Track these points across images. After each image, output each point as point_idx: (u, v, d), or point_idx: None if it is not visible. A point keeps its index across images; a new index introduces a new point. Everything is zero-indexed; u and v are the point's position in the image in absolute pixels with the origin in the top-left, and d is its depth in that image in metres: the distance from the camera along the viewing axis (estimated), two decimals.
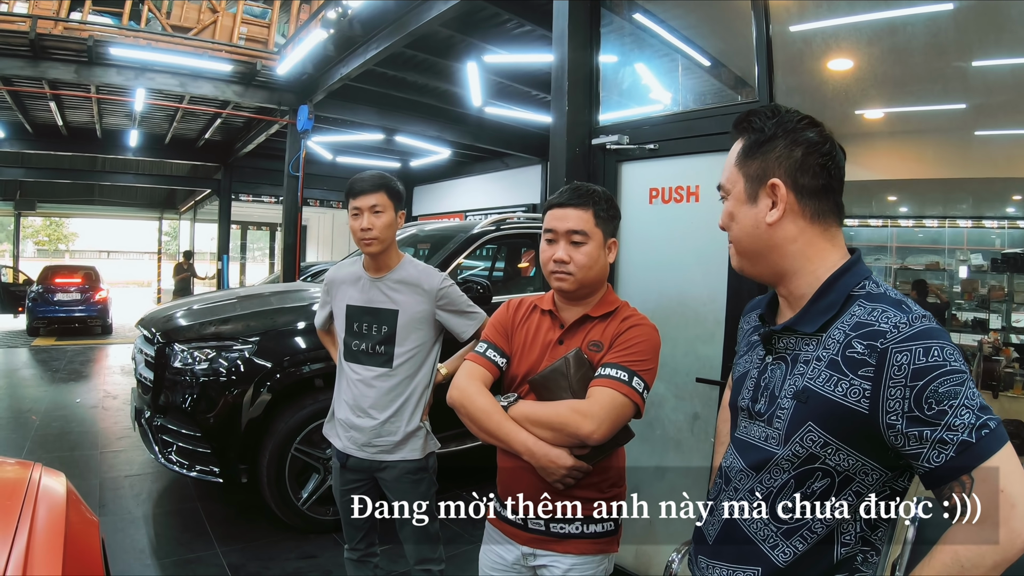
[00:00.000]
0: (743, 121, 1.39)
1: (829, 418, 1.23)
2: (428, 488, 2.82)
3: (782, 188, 1.31)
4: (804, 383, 1.28)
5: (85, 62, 9.04)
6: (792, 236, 1.33)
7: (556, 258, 1.94)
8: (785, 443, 1.29)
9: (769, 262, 1.37)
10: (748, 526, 1.34)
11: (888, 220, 7.84)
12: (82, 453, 5.93)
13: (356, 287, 2.77)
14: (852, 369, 1.21)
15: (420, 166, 16.52)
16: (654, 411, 3.54)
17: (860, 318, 1.24)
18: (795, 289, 1.36)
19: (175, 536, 4.33)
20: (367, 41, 7.56)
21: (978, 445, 1.11)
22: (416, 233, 6.40)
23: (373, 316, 2.71)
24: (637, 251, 3.68)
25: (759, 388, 1.40)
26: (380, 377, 2.70)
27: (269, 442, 4.13)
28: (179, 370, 4.31)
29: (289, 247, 10.44)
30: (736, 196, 1.38)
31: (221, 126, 13.12)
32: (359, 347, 2.73)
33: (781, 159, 1.32)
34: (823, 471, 1.26)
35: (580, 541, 1.95)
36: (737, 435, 1.46)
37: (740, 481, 1.38)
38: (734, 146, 1.41)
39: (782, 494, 1.30)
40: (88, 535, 2.14)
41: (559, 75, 3.79)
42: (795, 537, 1.29)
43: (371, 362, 2.71)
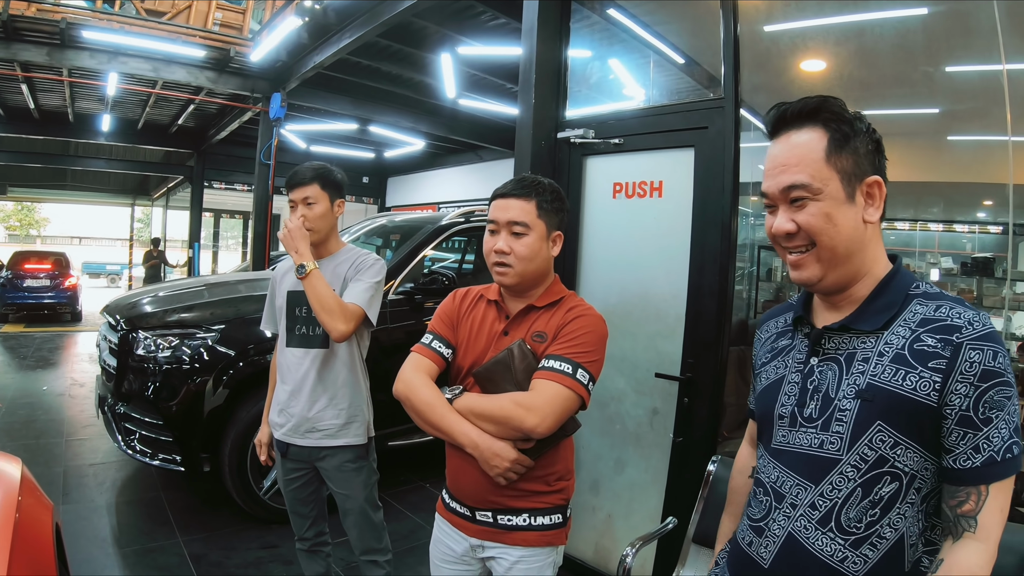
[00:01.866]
0: (823, 111, 1.28)
1: (896, 413, 1.21)
2: (369, 476, 2.85)
3: (883, 186, 1.27)
4: (867, 380, 1.24)
5: (58, 45, 8.91)
6: (872, 236, 1.29)
7: (497, 248, 1.92)
8: (850, 447, 1.24)
9: (853, 265, 1.30)
10: (813, 543, 1.27)
11: None
12: (47, 441, 5.87)
13: (295, 274, 2.78)
14: (922, 362, 1.20)
15: (394, 157, 16.50)
16: (614, 406, 3.57)
17: (925, 315, 1.23)
18: (855, 291, 1.32)
19: (137, 525, 4.30)
20: (341, 30, 7.53)
21: (1001, 465, 1.15)
22: (386, 224, 6.40)
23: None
24: (600, 246, 3.71)
25: (806, 392, 1.34)
26: (320, 358, 2.73)
27: (231, 431, 4.11)
28: (142, 357, 4.28)
29: (259, 235, 10.38)
30: (832, 195, 1.25)
31: (194, 112, 13.01)
32: (300, 331, 2.75)
33: (869, 155, 1.27)
34: (891, 474, 1.23)
35: (528, 533, 1.95)
36: (777, 447, 1.39)
37: (796, 496, 1.31)
38: (803, 138, 1.28)
39: (848, 503, 1.25)
40: (41, 520, 2.16)
41: (527, 68, 3.80)
42: (864, 546, 1.24)
43: (311, 344, 2.73)
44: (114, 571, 3.72)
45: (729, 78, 3.18)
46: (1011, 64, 3.89)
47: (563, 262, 3.74)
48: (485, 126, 11.89)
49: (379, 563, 2.91)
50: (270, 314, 2.95)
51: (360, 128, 12.63)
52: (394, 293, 4.76)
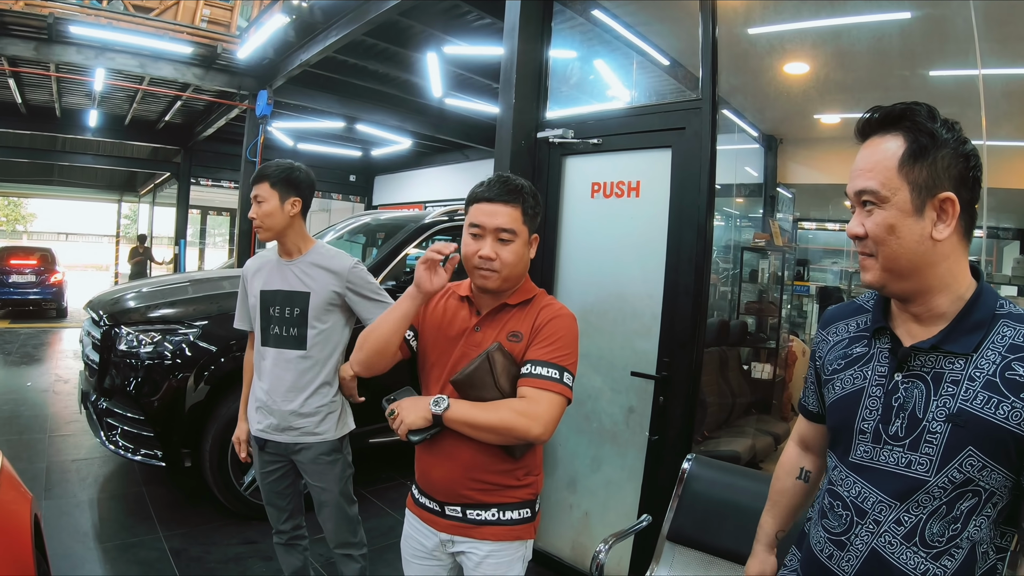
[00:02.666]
0: (903, 118, 1.27)
1: (988, 441, 1.20)
2: (343, 469, 2.89)
3: (957, 203, 1.23)
4: (958, 405, 1.23)
5: (45, 39, 8.90)
6: (947, 253, 1.26)
7: (483, 254, 1.90)
8: (939, 470, 1.24)
9: (920, 279, 1.28)
10: (897, 557, 1.28)
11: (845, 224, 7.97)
12: (30, 437, 5.87)
13: (267, 272, 2.82)
14: (1014, 392, 1.19)
15: (381, 156, 16.51)
16: (591, 404, 3.61)
17: (1014, 340, 1.22)
18: (936, 307, 1.30)
19: (119, 520, 4.32)
20: (327, 28, 7.55)
21: None
22: (369, 222, 6.41)
23: (286, 299, 2.77)
24: (577, 245, 3.74)
25: (890, 409, 1.32)
26: (295, 359, 2.76)
27: (212, 426, 4.14)
28: (124, 353, 4.29)
29: (245, 233, 10.38)
30: (899, 206, 1.24)
31: (181, 109, 12.99)
32: (274, 331, 2.77)
33: (950, 169, 1.23)
34: (973, 492, 1.23)
35: (497, 528, 1.97)
36: (859, 462, 1.37)
37: (881, 513, 1.31)
38: (882, 145, 1.28)
39: (932, 520, 1.26)
40: (19, 511, 2.20)
41: (508, 68, 3.84)
42: (944, 557, 1.25)
43: (286, 345, 2.76)
44: (94, 566, 3.73)
45: (707, 79, 3.21)
46: (987, 69, 3.95)
47: (541, 261, 3.77)
48: (471, 125, 11.91)
49: (354, 557, 2.95)
50: (243, 312, 2.97)
51: (347, 126, 12.64)
52: None
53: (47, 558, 2.44)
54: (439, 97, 9.64)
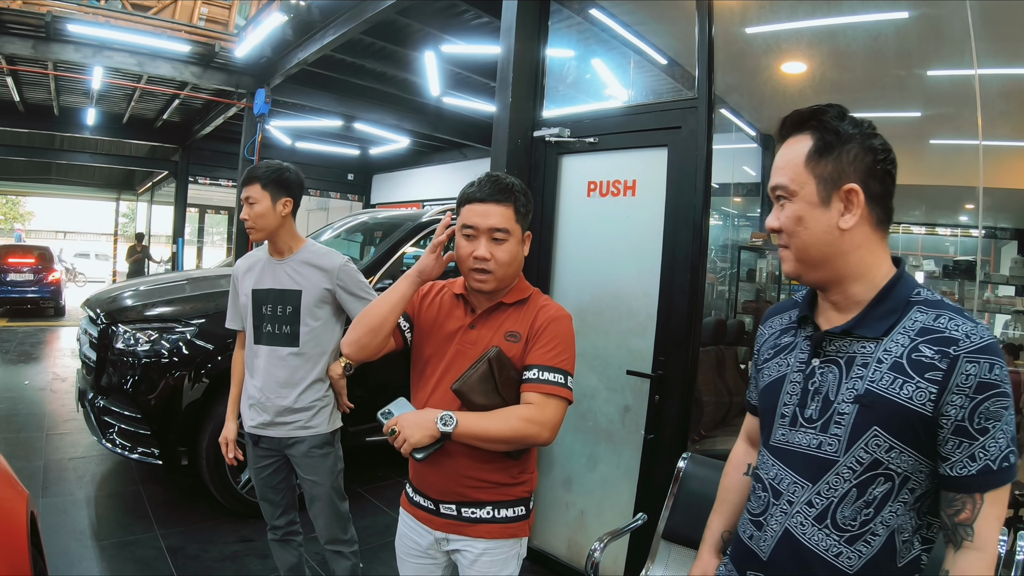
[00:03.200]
0: (811, 119, 1.34)
1: (894, 421, 1.25)
2: (335, 463, 2.92)
3: (860, 193, 1.30)
4: (865, 386, 1.28)
5: (43, 38, 8.92)
6: (859, 242, 1.32)
7: (477, 255, 1.90)
8: (847, 450, 1.28)
9: (832, 268, 1.34)
10: (808, 538, 1.32)
11: None
12: (28, 435, 5.87)
13: (258, 272, 2.85)
14: (919, 372, 1.23)
15: (379, 154, 16.51)
16: (586, 403, 3.61)
17: (924, 324, 1.26)
18: (852, 295, 1.35)
19: (116, 518, 4.32)
20: (325, 26, 7.55)
21: (997, 474, 1.20)
22: (367, 221, 6.42)
23: (278, 297, 2.80)
24: (573, 244, 3.75)
25: (807, 393, 1.38)
26: (288, 356, 2.79)
27: (209, 425, 4.14)
28: (121, 351, 4.30)
29: (242, 231, 10.32)
30: (806, 199, 1.32)
31: (179, 107, 13.01)
32: (266, 329, 2.80)
33: (856, 163, 1.30)
34: (885, 475, 1.27)
35: (491, 525, 1.97)
36: (777, 444, 1.43)
37: (794, 493, 1.36)
38: (794, 146, 1.35)
39: (844, 502, 1.29)
40: (15, 508, 2.20)
41: (504, 67, 3.85)
42: (859, 542, 1.28)
43: (279, 342, 2.79)
44: (92, 564, 3.73)
45: (703, 78, 3.22)
46: (983, 69, 3.96)
47: (537, 260, 3.78)
48: (469, 124, 11.92)
49: (344, 554, 2.97)
50: (234, 311, 2.98)
51: (345, 125, 12.64)
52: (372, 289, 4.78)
53: (43, 555, 2.45)
54: (437, 96, 9.65)
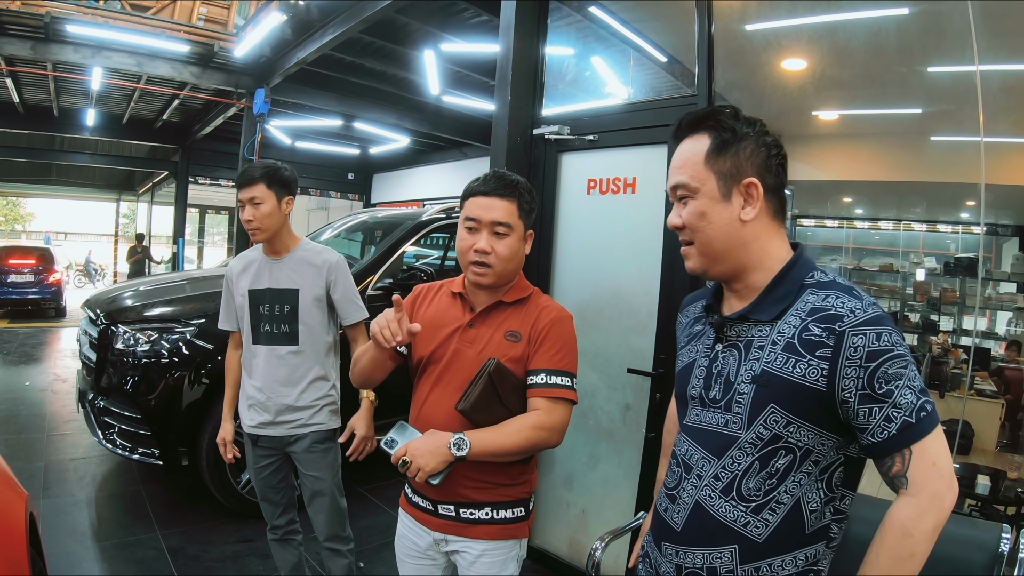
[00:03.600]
0: (707, 119, 1.41)
1: (789, 398, 1.30)
2: (335, 459, 2.93)
3: (759, 186, 1.36)
4: (762, 367, 1.34)
5: (42, 39, 8.93)
6: (758, 233, 1.39)
7: (478, 248, 1.91)
8: (748, 427, 1.34)
9: (734, 259, 1.40)
10: (717, 510, 1.37)
11: (844, 221, 7.98)
12: (29, 436, 5.87)
13: (254, 272, 2.84)
14: (809, 351, 1.28)
15: (379, 154, 16.52)
16: (587, 401, 3.60)
17: (814, 304, 1.31)
18: (752, 283, 1.42)
19: (116, 519, 4.32)
20: (324, 26, 7.55)
21: (917, 426, 1.22)
22: (367, 220, 6.41)
23: (275, 296, 2.79)
24: (573, 242, 3.74)
25: (711, 376, 1.44)
26: (288, 355, 2.79)
27: (209, 425, 4.12)
28: (121, 351, 4.29)
29: (243, 231, 10.37)
30: (708, 194, 1.38)
31: (179, 108, 13.02)
32: (264, 329, 2.80)
33: (752, 158, 1.37)
34: (786, 449, 1.32)
35: (490, 527, 1.97)
36: (689, 424, 1.49)
37: (702, 468, 1.41)
38: (691, 145, 1.41)
39: (747, 476, 1.35)
40: (13, 508, 2.20)
41: (504, 65, 3.83)
42: (764, 511, 1.33)
43: (277, 341, 2.79)
44: (92, 565, 3.73)
45: (703, 76, 3.21)
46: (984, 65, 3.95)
47: (538, 258, 3.77)
48: (469, 123, 11.92)
49: (342, 552, 2.96)
50: (228, 312, 2.97)
51: (345, 124, 12.65)
52: (372, 289, 4.78)
53: (43, 556, 2.44)
54: (436, 95, 9.64)
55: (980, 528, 1.88)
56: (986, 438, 4.84)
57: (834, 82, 5.44)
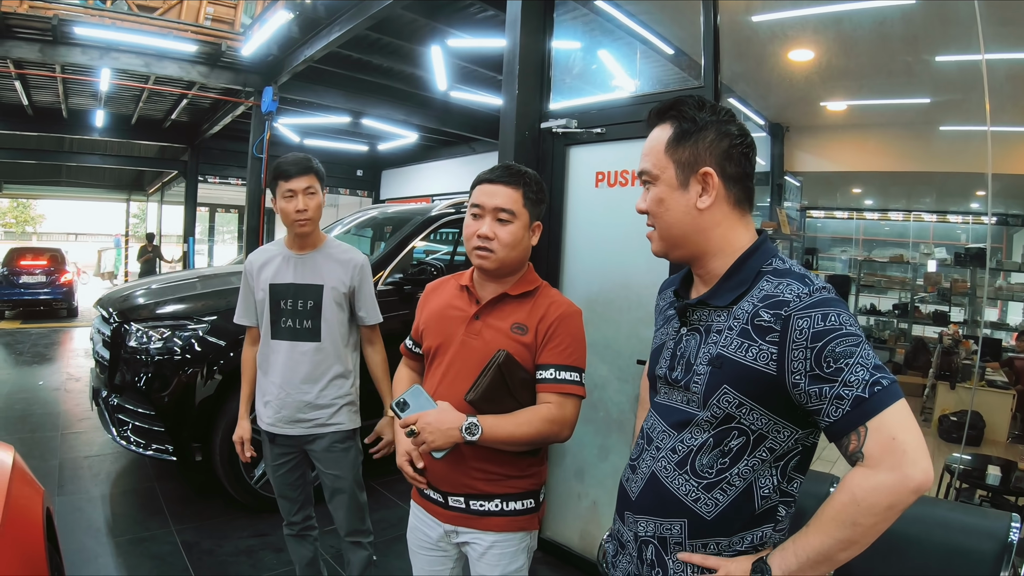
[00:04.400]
0: (671, 109, 1.44)
1: (742, 381, 1.33)
2: (356, 457, 2.92)
3: (714, 176, 1.39)
4: (718, 351, 1.37)
5: (50, 41, 8.96)
6: (717, 221, 1.42)
7: (480, 233, 1.94)
8: (704, 405, 1.38)
9: (693, 245, 1.44)
10: (670, 482, 1.41)
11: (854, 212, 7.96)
12: (43, 435, 5.92)
13: (275, 266, 2.82)
14: (760, 336, 1.31)
15: (388, 150, 16.54)
16: (597, 393, 3.61)
17: (767, 291, 1.33)
18: (713, 269, 1.44)
19: (131, 515, 4.37)
20: (331, 23, 7.57)
21: (871, 400, 1.20)
22: (376, 216, 6.44)
23: (298, 292, 2.77)
24: (582, 234, 3.75)
25: (675, 357, 1.48)
26: (310, 351, 2.78)
27: (222, 421, 4.16)
28: (134, 349, 4.33)
29: (252, 229, 10.44)
30: (666, 182, 1.42)
31: (187, 107, 13.06)
32: (286, 324, 2.78)
33: (712, 148, 1.39)
34: (738, 430, 1.35)
35: (500, 519, 1.99)
36: (657, 400, 1.54)
37: (662, 441, 1.46)
38: (656, 133, 1.46)
39: (701, 452, 1.38)
40: (31, 503, 2.24)
41: (511, 60, 3.84)
42: (715, 490, 1.37)
43: (300, 337, 2.77)
44: (107, 560, 3.77)
45: (709, 67, 3.21)
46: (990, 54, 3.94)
47: (547, 251, 3.78)
48: (477, 118, 11.92)
49: (363, 544, 2.97)
50: (247, 307, 2.92)
51: (353, 121, 12.66)
52: (383, 284, 4.80)
53: (59, 551, 2.48)
54: (444, 90, 9.64)
55: (990, 517, 1.89)
56: (997, 429, 4.83)
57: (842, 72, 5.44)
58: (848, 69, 5.31)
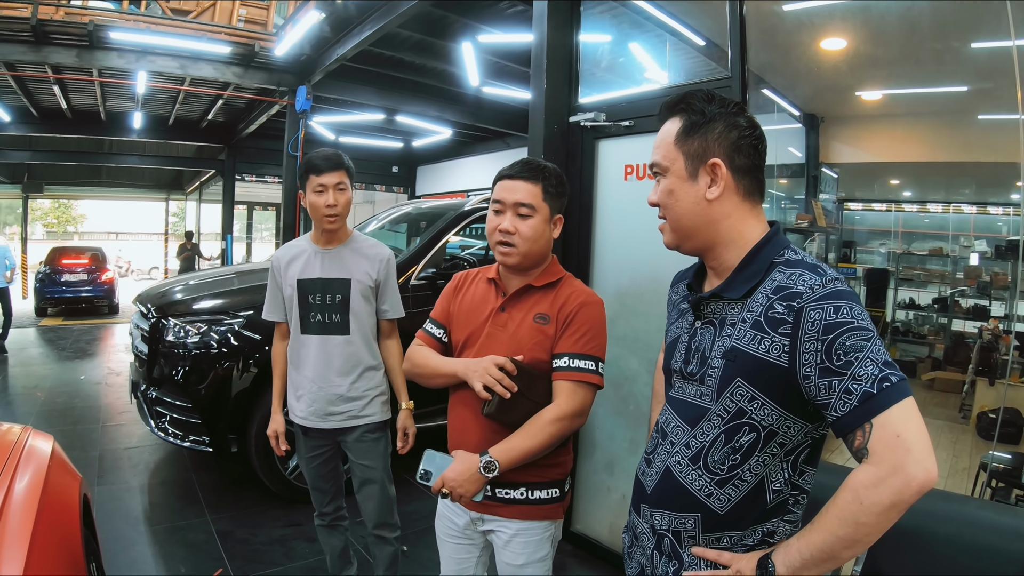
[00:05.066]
0: (680, 103, 1.46)
1: (755, 373, 1.33)
2: (386, 448, 2.95)
3: (722, 167, 1.40)
4: (732, 343, 1.37)
5: (86, 46, 9.13)
6: (727, 212, 1.43)
7: (502, 228, 1.97)
8: (717, 399, 1.38)
9: (704, 236, 1.45)
10: (684, 477, 1.43)
11: (892, 204, 7.83)
12: (84, 427, 6.09)
13: (303, 261, 2.84)
14: (773, 328, 1.30)
15: (422, 146, 16.61)
16: (627, 386, 3.61)
17: (780, 282, 1.33)
18: (725, 260, 1.45)
19: (168, 504, 4.48)
20: (362, 22, 7.62)
21: (879, 396, 1.19)
22: (410, 211, 6.49)
23: (326, 286, 2.80)
24: (612, 228, 3.75)
25: (690, 351, 1.49)
26: (341, 344, 2.81)
27: (257, 413, 4.24)
28: (172, 343, 4.42)
29: (288, 226, 10.56)
30: (676, 173, 1.44)
31: (223, 107, 13.22)
32: (315, 318, 2.81)
33: (720, 140, 1.41)
34: (749, 426, 1.35)
35: (525, 507, 2.00)
36: (672, 395, 1.55)
37: (676, 436, 1.47)
38: (667, 126, 1.48)
39: (713, 448, 1.39)
40: (68, 488, 2.32)
41: (538, 55, 3.85)
42: (728, 486, 1.38)
43: (330, 331, 2.81)
44: (144, 548, 3.87)
45: (735, 57, 3.19)
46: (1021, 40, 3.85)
47: (577, 244, 3.79)
48: (510, 113, 11.92)
49: (388, 539, 3.00)
50: (275, 303, 2.96)
51: (387, 118, 12.71)
52: (416, 278, 4.84)
53: (96, 536, 2.56)
54: (476, 86, 9.67)
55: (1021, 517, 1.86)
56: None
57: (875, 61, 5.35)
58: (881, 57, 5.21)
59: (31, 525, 1.84)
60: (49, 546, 1.91)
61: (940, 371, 6.32)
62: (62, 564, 1.96)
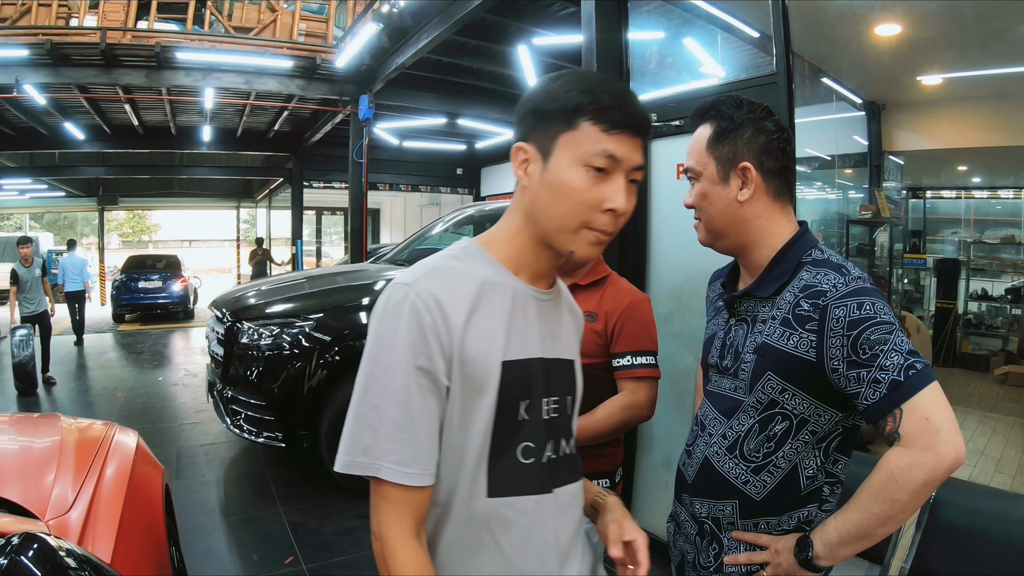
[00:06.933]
0: (709, 110, 1.54)
1: (784, 367, 1.41)
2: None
3: (752, 170, 1.47)
4: (763, 339, 1.46)
5: (154, 67, 9.56)
6: (758, 212, 1.50)
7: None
8: (750, 391, 1.47)
9: (736, 236, 1.53)
10: (722, 466, 1.51)
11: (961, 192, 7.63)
12: (163, 425, 6.41)
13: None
14: (800, 324, 1.38)
15: (486, 147, 16.64)
16: (684, 383, 3.65)
17: (807, 281, 1.41)
18: (756, 259, 1.53)
19: (242, 497, 4.72)
20: (418, 31, 7.76)
21: (906, 383, 1.26)
22: (474, 213, 6.63)
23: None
24: (667, 226, 3.78)
25: (725, 347, 1.57)
26: None
27: (328, 411, 4.43)
28: (246, 345, 4.65)
29: (356, 230, 10.77)
30: (708, 177, 1.51)
31: (288, 118, 13.57)
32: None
33: (749, 144, 1.48)
34: (782, 415, 1.43)
35: None
36: (709, 388, 1.63)
37: (714, 427, 1.55)
38: (699, 132, 1.55)
39: (748, 437, 1.47)
40: (152, 478, 2.54)
41: (588, 56, 3.91)
42: (763, 472, 1.45)
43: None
44: (220, 536, 4.10)
45: (780, 52, 3.17)
46: None
47: (633, 244, 3.85)
48: None
49: None
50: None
51: (449, 122, 12.85)
52: None
53: (175, 522, 2.79)
54: None
55: None
56: None
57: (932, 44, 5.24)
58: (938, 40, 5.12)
59: (119, 509, 2.02)
60: (136, 528, 2.10)
61: (1015, 365, 6.17)
62: (147, 545, 2.15)
